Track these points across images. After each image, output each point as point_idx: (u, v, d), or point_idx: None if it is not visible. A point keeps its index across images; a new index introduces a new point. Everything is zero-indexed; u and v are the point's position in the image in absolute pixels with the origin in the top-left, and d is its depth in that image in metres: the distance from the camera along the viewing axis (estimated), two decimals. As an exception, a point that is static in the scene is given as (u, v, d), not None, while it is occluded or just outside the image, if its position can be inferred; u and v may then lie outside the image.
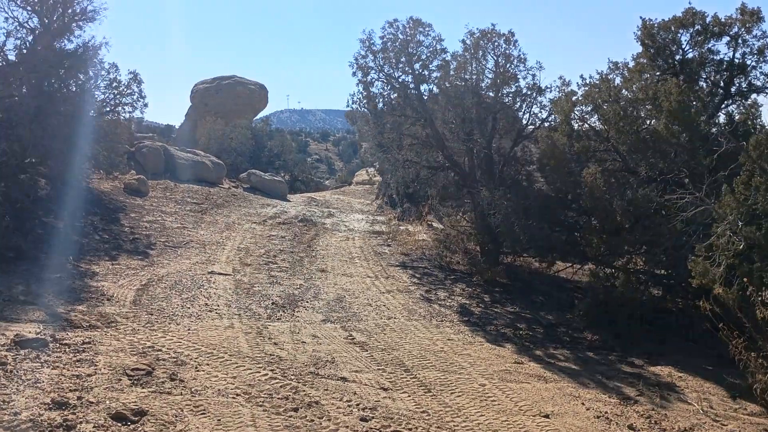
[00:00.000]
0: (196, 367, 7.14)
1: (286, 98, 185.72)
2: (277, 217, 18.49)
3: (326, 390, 7.07)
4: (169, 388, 6.50)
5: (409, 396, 7.23)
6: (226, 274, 11.73)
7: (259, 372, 7.29)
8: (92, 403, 5.90)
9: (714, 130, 12.01)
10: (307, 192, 31.61)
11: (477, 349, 9.28)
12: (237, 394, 6.60)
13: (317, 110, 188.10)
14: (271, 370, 7.39)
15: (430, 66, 14.90)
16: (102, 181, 17.47)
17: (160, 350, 7.46)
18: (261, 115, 42.81)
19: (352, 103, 15.95)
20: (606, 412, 7.37)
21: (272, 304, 10.26)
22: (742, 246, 8.73)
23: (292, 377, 7.28)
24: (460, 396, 7.39)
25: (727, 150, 9.87)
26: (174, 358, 7.31)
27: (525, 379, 8.21)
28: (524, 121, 15.05)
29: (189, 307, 9.45)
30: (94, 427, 5.48)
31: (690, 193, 9.29)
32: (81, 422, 5.52)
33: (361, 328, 9.56)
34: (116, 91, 15.91)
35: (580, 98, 12.31)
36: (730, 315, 8.45)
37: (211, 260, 12.75)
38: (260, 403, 6.48)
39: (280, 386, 6.98)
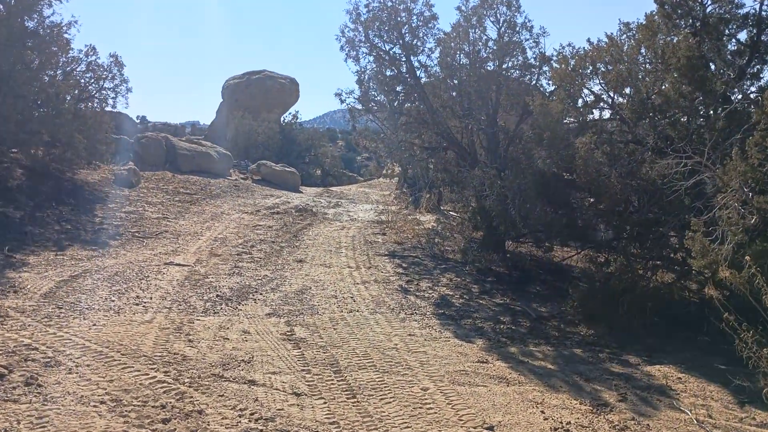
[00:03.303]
0: (70, 369, 6.01)
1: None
2: (274, 207, 17.39)
3: (221, 396, 5.87)
4: (18, 395, 5.39)
5: (325, 403, 5.97)
6: (183, 265, 10.64)
7: (148, 374, 6.12)
8: None
9: (738, 95, 10.40)
10: (339, 186, 30.68)
11: (438, 346, 7.92)
12: (102, 402, 5.44)
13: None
14: (165, 372, 6.22)
15: (420, 35, 13.56)
16: (92, 172, 16.68)
17: (36, 349, 6.35)
18: (294, 109, 41.84)
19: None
20: (569, 423, 5.95)
21: (217, 296, 9.11)
22: (754, 220, 7.21)
23: (187, 381, 6.10)
24: (389, 403, 6.09)
25: (737, 110, 8.29)
26: (49, 358, 6.19)
27: (482, 382, 6.84)
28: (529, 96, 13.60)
29: (114, 300, 8.36)
30: None
31: (687, 158, 7.71)
32: None
33: (309, 323, 8.32)
34: (95, 75, 15.09)
35: (578, 60, 10.77)
36: (744, 303, 6.91)
37: (177, 251, 11.71)
38: (125, 413, 5.30)
39: (164, 391, 5.80)
